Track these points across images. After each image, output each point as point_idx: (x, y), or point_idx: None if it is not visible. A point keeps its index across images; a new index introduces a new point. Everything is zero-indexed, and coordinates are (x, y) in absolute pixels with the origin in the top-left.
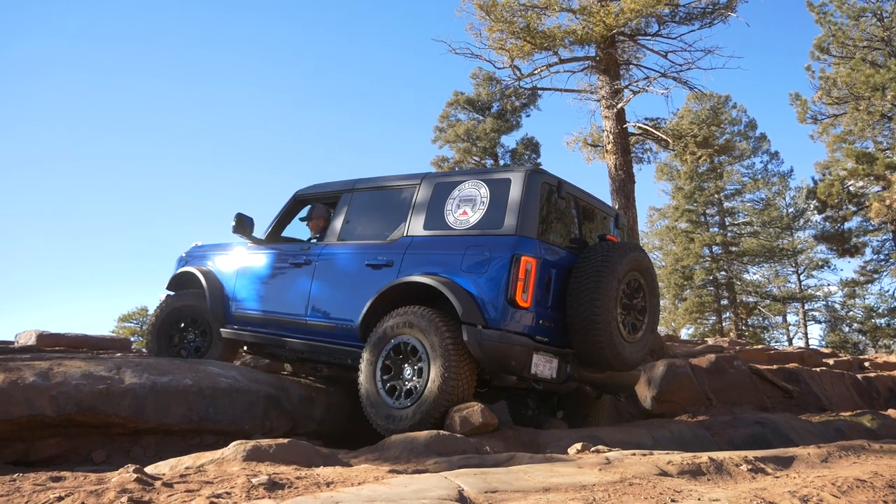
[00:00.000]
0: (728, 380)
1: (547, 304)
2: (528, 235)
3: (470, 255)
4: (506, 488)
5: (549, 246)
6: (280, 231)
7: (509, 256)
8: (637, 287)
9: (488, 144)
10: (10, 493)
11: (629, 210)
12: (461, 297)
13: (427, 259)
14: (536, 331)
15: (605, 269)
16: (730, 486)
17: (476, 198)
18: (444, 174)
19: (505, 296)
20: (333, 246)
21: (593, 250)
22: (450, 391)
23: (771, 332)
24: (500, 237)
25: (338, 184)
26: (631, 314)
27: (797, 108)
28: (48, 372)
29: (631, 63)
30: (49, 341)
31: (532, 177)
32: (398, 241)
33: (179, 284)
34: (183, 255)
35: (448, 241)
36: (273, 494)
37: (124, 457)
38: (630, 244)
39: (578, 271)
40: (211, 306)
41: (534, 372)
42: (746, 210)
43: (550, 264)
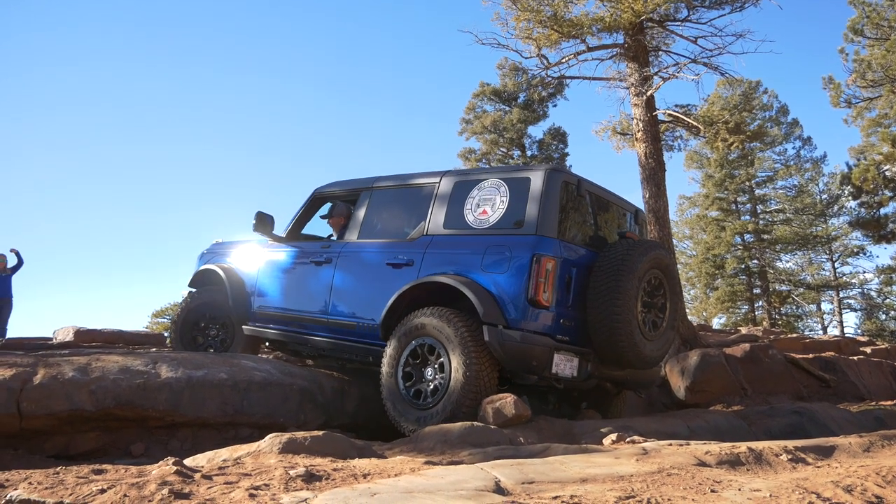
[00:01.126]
0: (763, 369)
1: (567, 304)
2: (548, 235)
3: (490, 255)
4: (542, 479)
5: (568, 245)
6: (300, 228)
7: (530, 256)
8: (657, 285)
9: (515, 135)
10: (54, 485)
11: (660, 199)
12: (482, 298)
13: (447, 258)
14: (557, 330)
15: (626, 268)
16: (770, 477)
17: (496, 197)
18: (464, 172)
19: (525, 295)
20: (354, 244)
21: (613, 249)
22: (472, 389)
23: (805, 321)
24: (521, 237)
25: (357, 181)
26: (651, 312)
27: (830, 92)
28: (87, 367)
29: (660, 49)
30: (86, 337)
31: (552, 175)
32: (418, 240)
33: (201, 281)
34: (204, 252)
35: (468, 240)
36: (311, 486)
37: (162, 450)
38: (650, 242)
39: (599, 270)
40: (233, 303)
41: (554, 371)
42: (779, 197)
43: (570, 263)
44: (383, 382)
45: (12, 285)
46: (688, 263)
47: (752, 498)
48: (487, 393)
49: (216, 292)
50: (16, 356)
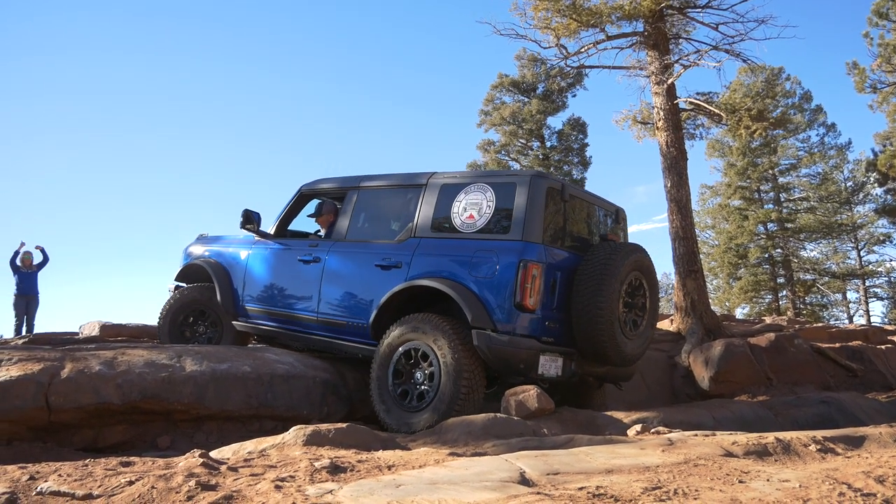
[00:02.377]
0: (789, 359)
1: (552, 306)
2: (533, 240)
3: (477, 260)
4: (568, 470)
5: (553, 249)
6: (286, 225)
7: (516, 262)
8: (638, 286)
9: (534, 126)
10: (83, 477)
11: (682, 188)
12: (470, 302)
13: (435, 262)
14: (543, 332)
15: (608, 272)
16: (799, 467)
17: (482, 202)
18: (450, 175)
19: (512, 300)
20: (342, 244)
21: (595, 252)
22: (462, 394)
23: (830, 310)
24: (507, 242)
25: (344, 179)
26: (632, 312)
27: (855, 78)
28: (113, 361)
29: (680, 37)
30: (111, 332)
31: (536, 181)
32: (407, 242)
33: (188, 276)
34: (189, 247)
35: (456, 244)
36: (336, 478)
37: (188, 442)
38: (631, 245)
39: (582, 273)
40: (221, 299)
41: (540, 372)
42: (802, 185)
43: (555, 267)
44: (372, 383)
45: (38, 282)
46: (710, 253)
47: (782, 488)
48: (477, 396)
49: (204, 288)
50: (43, 350)
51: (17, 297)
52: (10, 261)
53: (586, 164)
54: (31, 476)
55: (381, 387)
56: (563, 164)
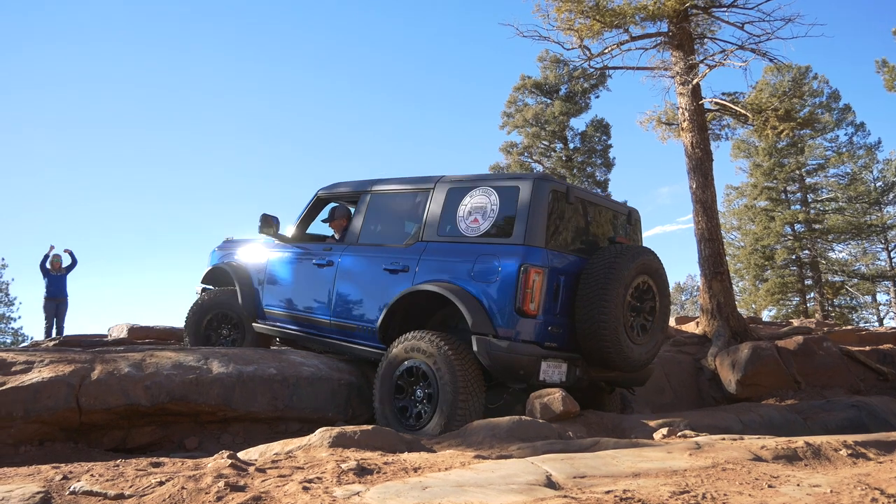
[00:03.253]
0: (817, 362)
1: (556, 311)
2: (536, 244)
3: (480, 264)
4: (594, 473)
5: (557, 253)
6: (305, 228)
7: (517, 266)
8: (646, 289)
9: (557, 128)
10: (114, 477)
11: (707, 189)
12: (471, 307)
13: (440, 266)
14: (545, 337)
15: (612, 276)
16: (830, 472)
17: (486, 205)
18: (457, 179)
19: (513, 305)
20: (353, 248)
21: (600, 256)
22: (459, 413)
23: (860, 313)
24: (509, 246)
25: (356, 183)
26: (640, 316)
27: (884, 76)
28: (141, 363)
29: (705, 36)
30: (139, 334)
31: (540, 184)
32: (413, 247)
33: (213, 279)
34: (216, 250)
35: (460, 248)
36: (363, 480)
37: (215, 443)
38: (638, 248)
39: (586, 277)
40: (242, 302)
41: (542, 378)
42: (830, 185)
43: (559, 271)
44: (375, 396)
45: (67, 284)
46: (736, 255)
47: (812, 493)
48: (476, 410)
49: (227, 291)
50: (74, 353)
51: (46, 300)
52: (41, 264)
53: (610, 166)
54: (65, 476)
55: (382, 401)
56: (586, 165)
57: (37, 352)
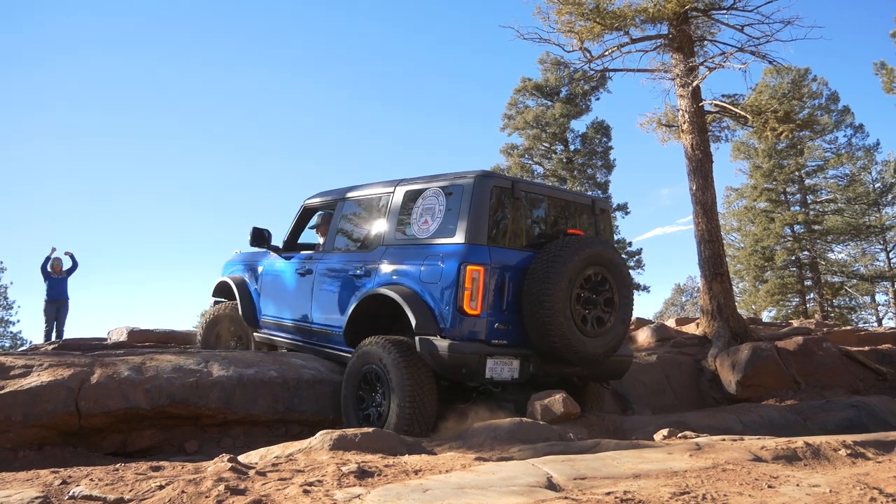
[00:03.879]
0: (817, 362)
1: (502, 308)
2: (477, 242)
3: (427, 266)
4: (595, 475)
5: (503, 250)
6: (296, 239)
7: (457, 266)
8: (601, 281)
9: (558, 130)
10: (114, 481)
11: (707, 191)
12: (417, 309)
13: (396, 270)
14: (492, 335)
15: (555, 269)
16: (829, 472)
17: (435, 206)
18: (413, 180)
19: (454, 305)
20: (328, 255)
21: (546, 250)
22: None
23: (859, 313)
24: (451, 246)
25: (335, 191)
26: (597, 308)
27: (882, 78)
28: (141, 366)
29: (705, 39)
30: (139, 337)
31: (480, 182)
32: (375, 251)
33: (221, 292)
34: (226, 263)
35: (412, 250)
36: (363, 482)
37: (215, 447)
38: (586, 239)
39: (530, 273)
40: (243, 313)
41: (489, 376)
42: (830, 187)
43: (505, 268)
44: (343, 404)
45: (68, 287)
46: (736, 256)
47: (812, 493)
48: (427, 410)
49: (232, 304)
50: (73, 356)
51: (47, 303)
52: (42, 266)
53: (610, 168)
54: (64, 480)
55: (346, 408)
56: (586, 167)
57: (36, 355)
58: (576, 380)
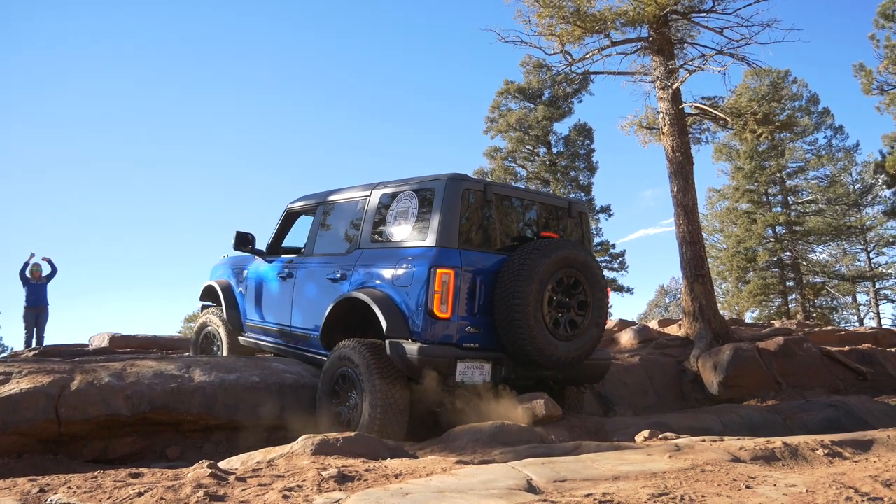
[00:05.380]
0: (798, 363)
1: (474, 312)
2: (447, 245)
3: (399, 269)
4: (574, 477)
5: (475, 253)
6: (279, 243)
7: (427, 269)
8: (573, 284)
9: (540, 133)
10: (92, 489)
11: (688, 192)
12: (388, 313)
13: (370, 273)
14: (464, 339)
15: (524, 272)
16: (806, 472)
17: (408, 209)
18: (388, 183)
19: (425, 308)
20: (308, 259)
21: (517, 253)
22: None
23: (840, 313)
24: (422, 249)
25: (316, 195)
26: (569, 311)
27: (861, 80)
28: (122, 372)
29: (685, 42)
30: (121, 343)
31: (451, 184)
32: (351, 255)
33: (208, 296)
34: (213, 267)
35: (386, 253)
36: (343, 487)
37: (197, 453)
38: (557, 241)
39: (501, 276)
40: (227, 317)
41: (460, 380)
42: (811, 188)
43: (476, 271)
44: (318, 406)
45: (48, 293)
46: (718, 257)
47: (788, 493)
48: (399, 412)
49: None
50: (53, 363)
51: (26, 310)
52: (20, 272)
53: (593, 170)
54: (41, 488)
55: (320, 409)
56: (570, 169)
57: (15, 362)
58: (552, 383)
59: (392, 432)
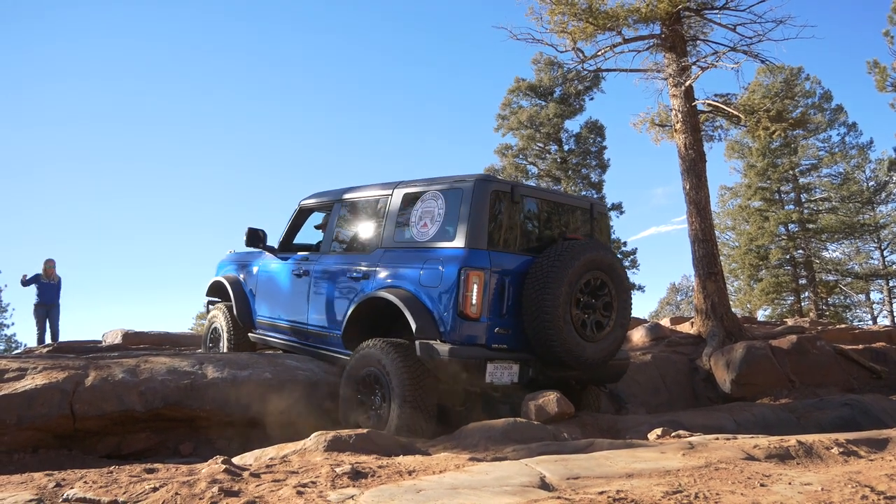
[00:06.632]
0: (811, 361)
1: (502, 313)
2: (477, 247)
3: (427, 269)
4: (588, 474)
5: (503, 254)
6: (291, 239)
7: (457, 270)
8: (600, 285)
9: (552, 130)
10: (108, 484)
11: (701, 190)
12: (417, 313)
13: (394, 273)
14: (493, 339)
15: (555, 274)
16: (821, 470)
17: (434, 209)
18: (412, 182)
19: (455, 309)
20: (325, 257)
21: (545, 254)
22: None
23: (854, 311)
24: (451, 250)
25: (331, 192)
26: (596, 313)
27: (875, 77)
28: (136, 369)
29: (698, 39)
30: (134, 339)
31: (480, 185)
32: (373, 254)
33: (215, 292)
34: (220, 263)
35: (411, 254)
36: (357, 483)
37: (210, 449)
38: (585, 243)
39: (531, 277)
40: (237, 314)
41: (490, 380)
42: (824, 185)
43: (505, 273)
44: (341, 406)
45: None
46: (731, 255)
47: (804, 492)
48: (427, 412)
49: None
50: (68, 359)
51: (36, 306)
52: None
53: (604, 168)
54: (58, 483)
55: (344, 410)
56: (581, 167)
57: (30, 358)
58: (574, 383)
59: (420, 432)
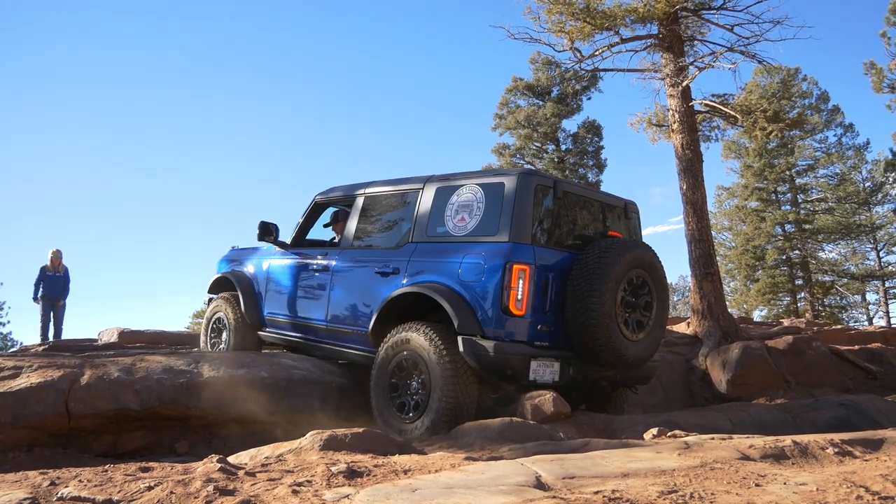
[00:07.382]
0: (807, 361)
1: (545, 309)
2: (521, 241)
3: (467, 264)
4: (583, 474)
5: (545, 249)
6: (304, 235)
7: (502, 264)
8: (641, 284)
9: (549, 130)
10: (103, 483)
11: (698, 190)
12: (458, 308)
13: (429, 267)
14: (535, 336)
15: (602, 271)
16: (816, 470)
17: (473, 203)
18: (445, 177)
19: (499, 305)
20: (348, 252)
21: (590, 251)
22: (451, 404)
23: (849, 312)
24: (494, 244)
25: (350, 187)
26: (636, 312)
27: (872, 77)
28: (131, 367)
29: (695, 39)
30: (130, 338)
31: (524, 180)
32: (404, 248)
33: (219, 288)
34: (222, 259)
35: (448, 248)
36: (353, 482)
37: (205, 447)
38: (630, 241)
39: (575, 273)
40: (245, 310)
41: (532, 378)
42: (820, 186)
43: (547, 268)
44: (372, 393)
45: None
46: (727, 255)
47: (798, 492)
48: (468, 406)
49: (233, 299)
50: (63, 357)
51: (42, 299)
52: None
53: (602, 167)
54: (52, 482)
55: (378, 398)
56: (578, 167)
57: (25, 357)
58: (605, 383)
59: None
